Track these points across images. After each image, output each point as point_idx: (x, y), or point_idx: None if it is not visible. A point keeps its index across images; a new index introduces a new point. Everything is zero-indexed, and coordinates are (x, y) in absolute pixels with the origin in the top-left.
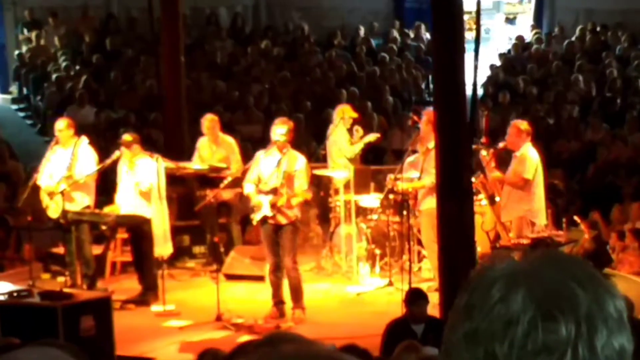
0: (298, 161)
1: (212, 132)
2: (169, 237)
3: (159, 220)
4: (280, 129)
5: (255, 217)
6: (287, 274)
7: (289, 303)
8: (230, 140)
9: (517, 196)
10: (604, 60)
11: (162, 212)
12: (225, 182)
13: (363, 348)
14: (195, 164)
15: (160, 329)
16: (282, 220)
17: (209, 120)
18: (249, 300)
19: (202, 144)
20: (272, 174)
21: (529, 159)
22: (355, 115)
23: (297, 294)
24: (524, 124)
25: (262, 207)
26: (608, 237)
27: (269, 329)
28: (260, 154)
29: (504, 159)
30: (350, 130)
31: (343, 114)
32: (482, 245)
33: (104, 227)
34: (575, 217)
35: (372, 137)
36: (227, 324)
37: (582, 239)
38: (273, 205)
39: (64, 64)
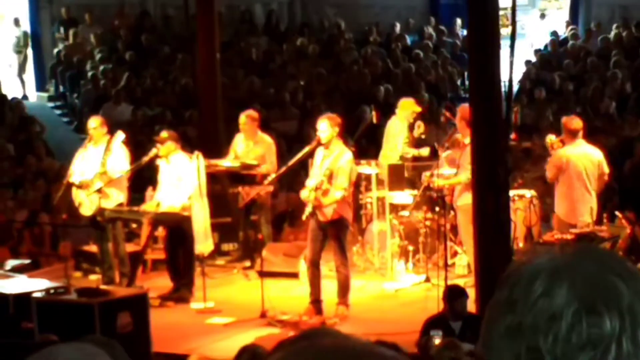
0: (342, 158)
1: (248, 129)
2: (210, 234)
3: (200, 217)
4: (320, 125)
5: (305, 213)
6: (336, 270)
7: (327, 300)
8: (268, 139)
9: (556, 190)
10: None
11: (204, 209)
12: (270, 178)
13: (392, 342)
14: (227, 162)
15: (205, 327)
16: (322, 217)
17: (245, 116)
18: (283, 297)
19: (238, 140)
20: (316, 171)
21: (554, 157)
22: (418, 109)
23: (343, 290)
24: (571, 122)
25: (308, 204)
26: None
27: (314, 324)
28: (318, 151)
29: None
30: (412, 125)
31: (405, 108)
32: (524, 241)
33: (134, 225)
34: (617, 213)
35: (425, 151)
36: (273, 320)
37: (624, 234)
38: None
39: (100, 62)
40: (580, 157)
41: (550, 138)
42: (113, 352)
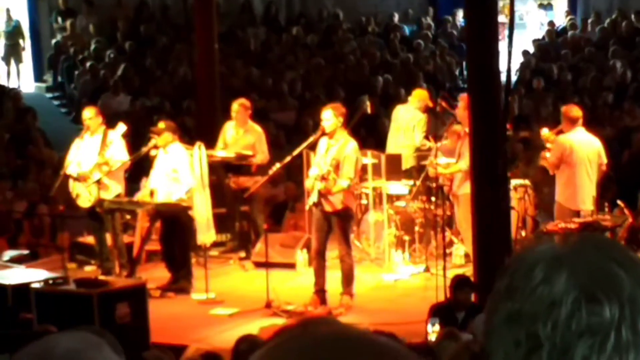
0: (347, 147)
1: (240, 117)
2: (212, 225)
3: (203, 208)
4: (324, 114)
5: (308, 203)
6: (340, 260)
7: (330, 290)
8: (258, 129)
9: (557, 177)
10: (639, 46)
11: (206, 200)
12: (275, 168)
13: (389, 332)
14: (220, 151)
15: (209, 317)
16: (328, 207)
17: (239, 105)
18: (282, 287)
19: (228, 127)
20: (320, 160)
21: (557, 144)
22: (431, 104)
23: (348, 280)
24: (570, 110)
25: (312, 193)
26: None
27: (320, 314)
28: (322, 140)
29: None
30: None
31: (419, 98)
32: (527, 231)
33: (128, 217)
34: (619, 202)
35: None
36: (278, 311)
37: (625, 223)
38: (319, 192)
39: (98, 52)
40: (584, 144)
41: (544, 132)
42: (111, 343)
